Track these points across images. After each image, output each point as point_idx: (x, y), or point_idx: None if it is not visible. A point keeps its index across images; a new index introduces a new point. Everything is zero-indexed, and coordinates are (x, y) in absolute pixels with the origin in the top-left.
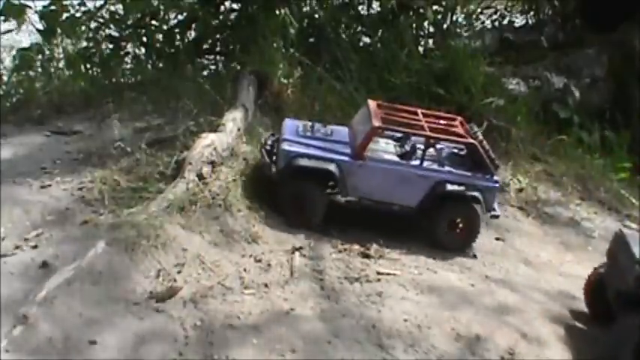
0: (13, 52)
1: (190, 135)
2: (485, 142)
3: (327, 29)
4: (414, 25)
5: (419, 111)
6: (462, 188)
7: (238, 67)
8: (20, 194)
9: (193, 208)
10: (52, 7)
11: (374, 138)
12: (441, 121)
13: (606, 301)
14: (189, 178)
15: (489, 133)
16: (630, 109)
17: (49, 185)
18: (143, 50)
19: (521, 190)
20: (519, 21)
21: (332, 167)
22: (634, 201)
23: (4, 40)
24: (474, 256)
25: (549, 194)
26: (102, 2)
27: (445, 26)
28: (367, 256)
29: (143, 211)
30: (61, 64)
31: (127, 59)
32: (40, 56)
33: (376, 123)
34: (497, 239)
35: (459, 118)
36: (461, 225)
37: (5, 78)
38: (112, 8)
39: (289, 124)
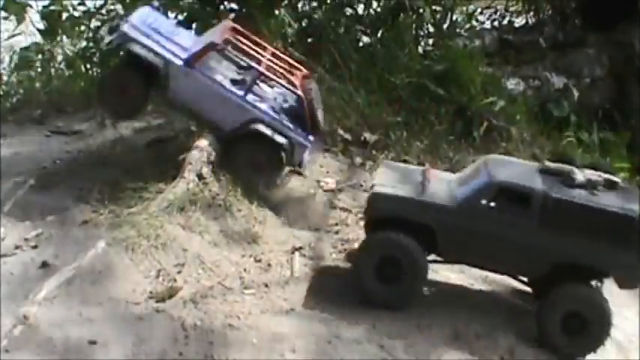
0: (13, 52)
1: (190, 135)
2: (315, 102)
3: (326, 29)
4: (414, 25)
5: (271, 49)
6: (269, 130)
7: None
8: (20, 193)
9: (193, 208)
10: (53, 7)
11: (211, 55)
12: (286, 66)
13: None
14: (189, 178)
15: (489, 133)
16: (630, 109)
17: (49, 185)
18: None
19: None
20: (519, 21)
21: (158, 61)
22: None
23: (4, 40)
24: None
25: None
26: (102, 2)
27: (445, 26)
28: None
29: (143, 211)
30: (61, 64)
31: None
32: (40, 56)
33: (216, 39)
34: None
35: (306, 72)
36: (261, 166)
37: (5, 78)
38: (112, 8)
39: (145, 11)
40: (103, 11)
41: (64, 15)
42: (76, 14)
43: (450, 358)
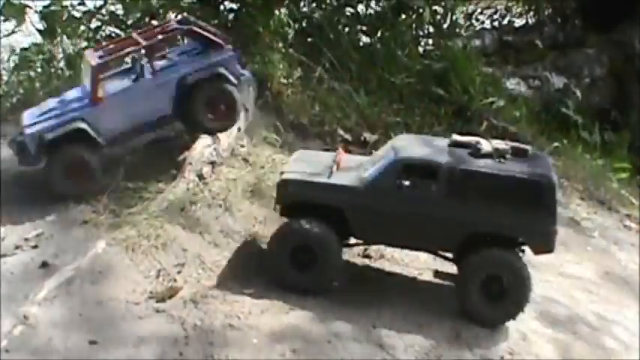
0: (13, 52)
1: (190, 135)
2: (198, 25)
3: (326, 29)
4: (414, 25)
5: (137, 32)
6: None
7: None
8: (20, 194)
9: (193, 208)
10: (53, 7)
11: (101, 78)
12: (157, 29)
13: None
14: (189, 178)
15: (489, 133)
16: (630, 109)
17: (50, 185)
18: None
19: None
20: (519, 21)
21: (81, 125)
22: (634, 201)
23: (4, 40)
24: None
25: None
26: (102, 2)
27: (445, 26)
28: (367, 256)
29: (143, 211)
30: (61, 64)
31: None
32: (40, 56)
33: (93, 62)
34: None
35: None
36: (220, 105)
37: (5, 78)
38: (112, 8)
39: (28, 114)
40: (103, 11)
41: (64, 15)
42: (76, 14)
43: (450, 358)
